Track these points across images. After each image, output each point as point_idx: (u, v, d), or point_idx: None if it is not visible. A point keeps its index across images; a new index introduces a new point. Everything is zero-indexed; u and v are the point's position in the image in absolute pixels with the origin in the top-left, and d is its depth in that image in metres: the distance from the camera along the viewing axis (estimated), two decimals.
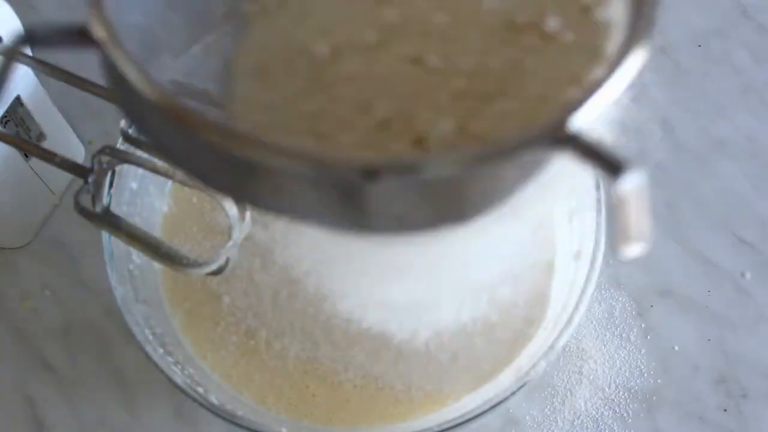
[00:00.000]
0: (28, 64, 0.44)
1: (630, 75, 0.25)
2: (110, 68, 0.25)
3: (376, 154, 0.25)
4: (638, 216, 0.23)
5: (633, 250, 0.24)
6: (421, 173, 0.23)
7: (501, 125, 0.26)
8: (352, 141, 0.26)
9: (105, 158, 0.40)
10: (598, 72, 0.26)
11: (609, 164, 0.23)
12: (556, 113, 0.24)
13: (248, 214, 0.41)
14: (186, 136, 0.25)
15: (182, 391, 0.42)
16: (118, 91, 0.26)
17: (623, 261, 0.28)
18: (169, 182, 0.49)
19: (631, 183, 0.23)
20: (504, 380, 0.45)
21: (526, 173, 0.26)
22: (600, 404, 0.50)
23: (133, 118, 0.28)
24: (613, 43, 0.27)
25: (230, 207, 0.40)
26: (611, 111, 0.24)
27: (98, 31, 0.25)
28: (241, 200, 0.28)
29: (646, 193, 0.23)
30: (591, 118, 0.24)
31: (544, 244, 0.48)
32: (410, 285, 0.46)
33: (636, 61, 0.25)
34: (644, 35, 0.25)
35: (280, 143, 0.24)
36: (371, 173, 0.23)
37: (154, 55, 0.30)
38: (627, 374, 0.51)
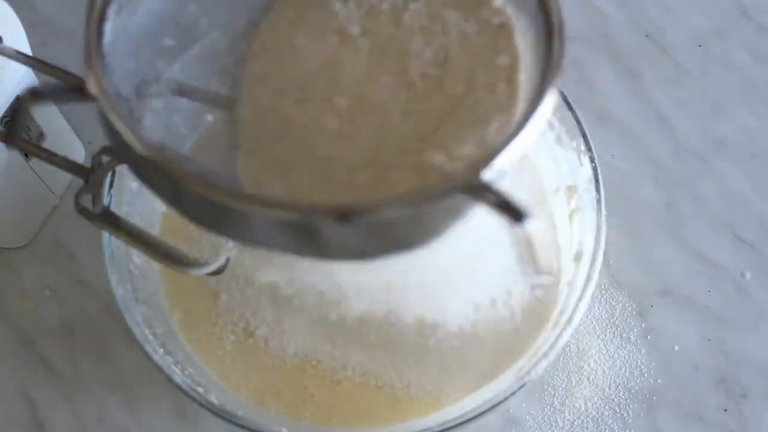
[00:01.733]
0: (28, 64, 0.44)
1: (535, 134, 0.29)
2: (103, 118, 0.30)
3: (343, 202, 0.30)
4: (543, 252, 0.29)
5: (543, 279, 0.30)
6: (376, 214, 0.28)
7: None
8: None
9: (105, 158, 0.40)
10: (501, 131, 0.31)
11: (514, 213, 0.28)
12: (469, 168, 0.29)
13: None
14: (168, 182, 0.30)
15: (182, 391, 0.42)
16: (110, 136, 0.31)
17: (534, 286, 0.35)
18: None
19: (532, 227, 0.28)
20: (504, 380, 0.45)
21: (453, 215, 0.31)
22: (600, 404, 0.50)
23: (122, 160, 0.33)
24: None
25: None
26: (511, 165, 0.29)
27: (93, 88, 0.30)
28: (218, 234, 0.33)
29: (545, 236, 0.30)
30: (499, 172, 0.28)
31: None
32: (412, 282, 0.46)
33: (540, 121, 0.29)
34: (542, 106, 0.30)
35: (256, 194, 0.30)
36: (343, 216, 0.28)
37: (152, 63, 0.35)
38: (627, 374, 0.51)
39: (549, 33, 0.31)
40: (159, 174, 0.30)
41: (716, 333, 0.53)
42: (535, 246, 0.28)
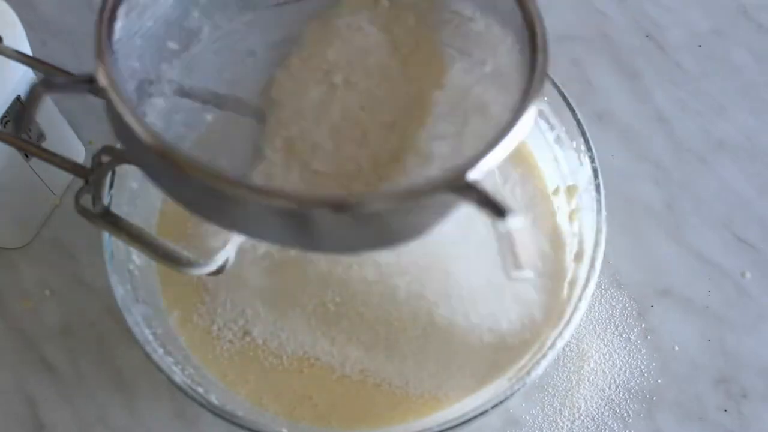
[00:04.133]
0: (28, 64, 0.44)
1: (518, 138, 0.31)
2: (111, 110, 0.32)
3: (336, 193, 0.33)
4: (523, 249, 0.30)
5: (522, 274, 0.29)
6: (361, 207, 0.30)
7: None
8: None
9: (105, 158, 0.40)
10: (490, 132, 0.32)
11: (497, 209, 0.29)
12: (456, 168, 0.30)
13: None
14: (171, 171, 0.30)
15: (182, 391, 0.42)
16: (117, 127, 0.32)
17: (513, 281, 0.35)
18: None
19: (514, 224, 0.29)
20: (504, 380, 0.45)
21: (439, 212, 0.32)
22: (600, 404, 0.50)
23: (129, 151, 0.34)
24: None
25: None
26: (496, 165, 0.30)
27: (103, 80, 0.32)
28: (216, 224, 0.34)
29: (527, 233, 0.30)
30: (484, 172, 0.30)
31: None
32: (411, 277, 0.46)
33: (523, 127, 0.31)
34: (530, 107, 0.31)
35: (254, 183, 0.31)
36: (339, 207, 0.30)
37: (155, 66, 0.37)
38: (627, 374, 0.51)
39: (533, 53, 0.33)
40: (162, 163, 0.31)
41: (716, 333, 0.53)
42: (515, 241, 0.29)
